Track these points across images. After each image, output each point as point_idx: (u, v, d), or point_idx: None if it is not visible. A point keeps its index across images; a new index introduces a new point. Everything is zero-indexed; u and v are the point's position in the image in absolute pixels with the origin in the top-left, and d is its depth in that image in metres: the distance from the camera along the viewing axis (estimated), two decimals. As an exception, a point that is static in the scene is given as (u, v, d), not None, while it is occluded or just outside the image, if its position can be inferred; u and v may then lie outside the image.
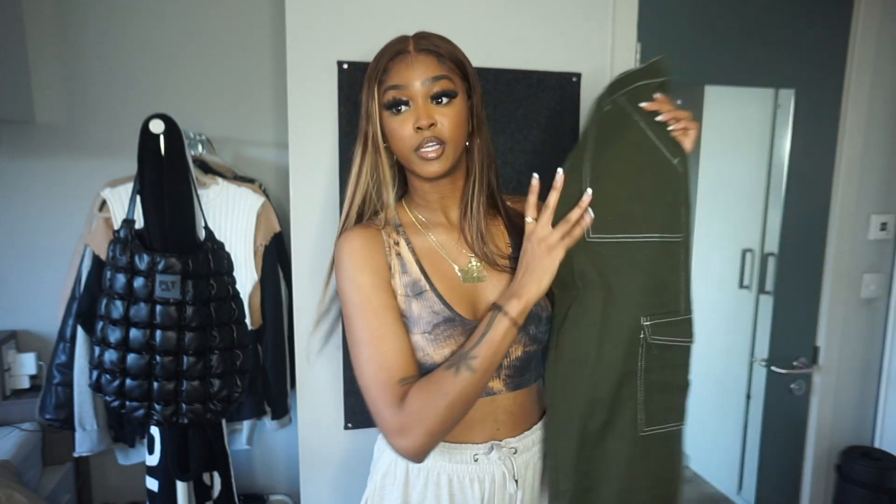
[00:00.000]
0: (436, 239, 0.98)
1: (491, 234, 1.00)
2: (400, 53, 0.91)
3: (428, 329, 0.91)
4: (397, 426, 0.84)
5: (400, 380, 0.86)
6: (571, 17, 1.44)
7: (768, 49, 1.65)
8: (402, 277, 0.94)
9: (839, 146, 1.75)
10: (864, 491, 1.83)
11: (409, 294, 0.93)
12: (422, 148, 0.90)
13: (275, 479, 2.14)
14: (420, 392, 0.85)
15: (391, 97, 0.90)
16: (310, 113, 1.31)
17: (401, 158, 0.94)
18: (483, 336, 0.86)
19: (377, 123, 0.93)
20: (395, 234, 0.97)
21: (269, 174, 2.00)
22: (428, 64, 0.90)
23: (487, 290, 0.97)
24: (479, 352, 0.85)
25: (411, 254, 0.96)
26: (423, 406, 0.83)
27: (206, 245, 1.36)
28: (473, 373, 0.84)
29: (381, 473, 1.00)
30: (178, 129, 1.31)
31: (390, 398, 0.85)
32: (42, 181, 1.89)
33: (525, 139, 1.43)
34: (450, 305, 0.92)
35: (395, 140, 0.92)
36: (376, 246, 0.94)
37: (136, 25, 1.88)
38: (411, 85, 0.89)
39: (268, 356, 1.73)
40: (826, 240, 1.80)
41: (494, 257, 0.98)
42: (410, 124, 0.89)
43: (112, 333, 1.27)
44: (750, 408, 2.15)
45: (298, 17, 1.29)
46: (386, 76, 0.91)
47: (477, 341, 0.86)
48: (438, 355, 0.91)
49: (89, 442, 1.61)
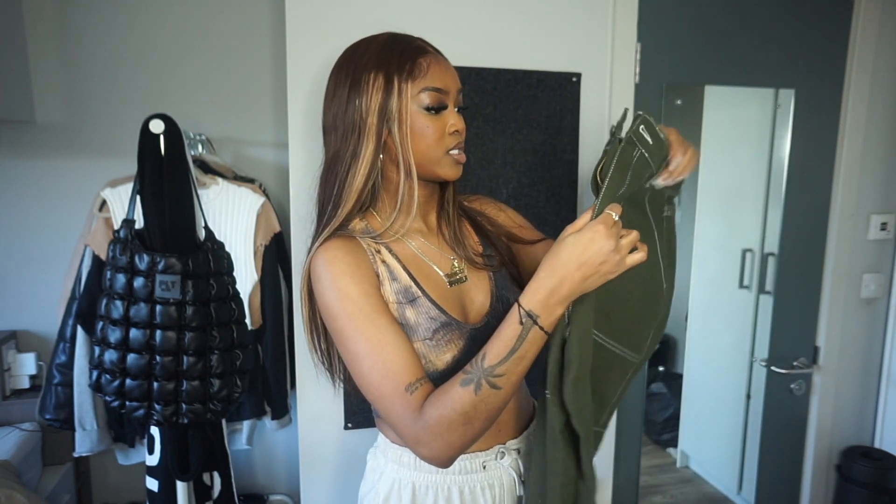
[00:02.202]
0: (415, 244, 0.95)
1: (463, 234, 1.01)
2: (426, 52, 0.88)
3: (428, 335, 0.87)
4: (414, 438, 0.79)
5: (407, 385, 0.80)
6: (571, 17, 1.44)
7: (768, 49, 1.65)
8: (392, 284, 0.88)
9: (839, 146, 1.75)
10: (864, 491, 1.83)
11: (401, 301, 0.88)
12: (456, 150, 0.90)
13: (275, 479, 2.14)
14: (436, 409, 0.77)
15: (436, 99, 0.87)
16: (310, 113, 1.31)
17: (423, 159, 0.88)
18: (513, 352, 0.77)
19: (405, 121, 0.86)
20: (373, 242, 0.91)
21: (269, 174, 2.00)
22: (453, 71, 0.91)
23: (472, 290, 0.97)
24: (507, 369, 0.76)
25: (397, 261, 0.91)
26: (440, 422, 0.77)
27: (206, 245, 1.35)
28: (499, 390, 0.77)
29: (382, 496, 0.95)
30: (178, 129, 1.31)
31: (404, 409, 0.79)
32: (42, 181, 1.89)
33: (525, 139, 1.43)
34: (444, 310, 0.90)
35: (425, 139, 0.87)
36: (360, 254, 0.88)
37: (136, 25, 1.88)
38: (451, 90, 0.88)
39: (268, 356, 1.73)
40: (826, 240, 1.80)
41: (473, 256, 0.98)
42: (445, 126, 0.88)
43: (112, 333, 1.27)
44: (750, 408, 2.15)
45: (298, 18, 1.29)
46: (420, 74, 0.86)
47: (506, 356, 0.77)
48: (440, 361, 0.87)
49: (89, 442, 1.61)
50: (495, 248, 1.03)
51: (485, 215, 1.07)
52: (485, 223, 1.05)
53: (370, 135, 0.86)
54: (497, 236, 1.05)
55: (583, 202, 1.50)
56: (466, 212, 1.05)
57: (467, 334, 0.90)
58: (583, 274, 0.76)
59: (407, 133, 0.86)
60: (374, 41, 0.90)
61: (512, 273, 1.03)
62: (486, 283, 0.98)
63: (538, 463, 0.90)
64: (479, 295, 0.96)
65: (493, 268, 0.99)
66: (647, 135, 0.84)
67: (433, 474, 0.93)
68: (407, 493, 0.93)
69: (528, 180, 1.44)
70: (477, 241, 1.03)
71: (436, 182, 0.96)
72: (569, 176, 1.48)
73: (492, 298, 0.96)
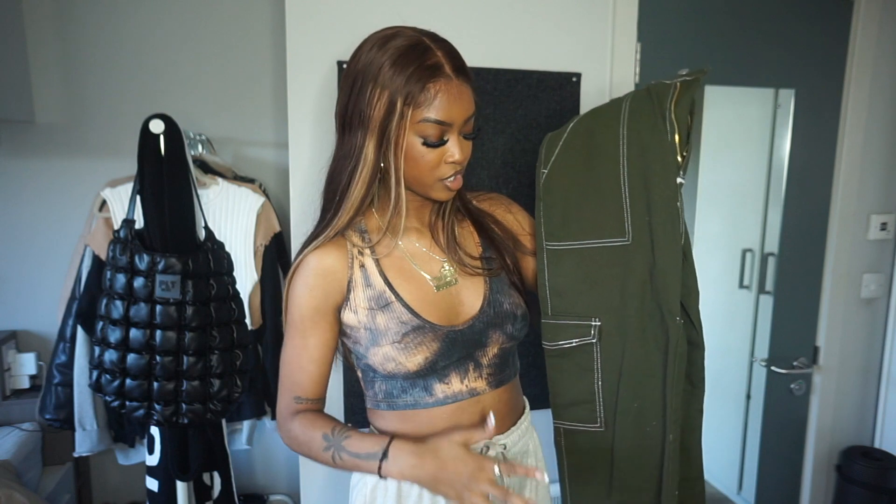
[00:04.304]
0: (406, 247, 0.95)
1: (462, 236, 1.01)
2: (440, 75, 0.83)
3: (397, 339, 0.89)
4: (279, 425, 0.96)
5: (296, 397, 0.93)
6: (571, 17, 1.44)
7: (768, 49, 1.65)
8: (365, 291, 0.91)
9: (839, 146, 1.74)
10: (864, 491, 1.83)
11: (372, 307, 0.91)
12: (449, 178, 0.89)
13: (275, 479, 2.14)
14: (299, 429, 0.92)
15: (436, 132, 0.84)
16: (310, 113, 1.31)
17: (414, 182, 0.89)
18: (356, 456, 0.88)
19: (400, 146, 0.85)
20: (361, 241, 0.93)
21: (269, 174, 2.00)
22: (467, 99, 0.86)
23: (462, 293, 0.96)
24: (348, 461, 0.88)
25: (375, 265, 0.92)
26: (294, 439, 0.93)
27: (206, 245, 1.36)
28: (335, 463, 0.90)
29: (370, 487, 0.97)
30: (178, 129, 1.31)
31: (284, 405, 0.95)
32: (42, 181, 1.89)
33: (525, 139, 1.43)
34: (418, 314, 0.90)
35: (419, 166, 0.86)
36: (337, 263, 0.91)
37: (136, 25, 1.88)
38: (456, 122, 0.85)
39: (268, 356, 1.73)
40: (826, 240, 1.80)
41: (466, 260, 0.98)
42: (443, 156, 0.87)
43: (112, 333, 1.27)
44: (750, 408, 2.15)
45: (298, 17, 1.29)
46: (425, 102, 0.82)
47: (352, 453, 0.88)
48: (411, 363, 0.89)
49: (89, 442, 1.61)
50: (497, 251, 1.02)
51: (492, 216, 1.06)
52: (490, 225, 1.04)
53: (370, 145, 0.85)
54: (502, 239, 1.04)
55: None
56: (472, 212, 1.04)
57: (443, 336, 0.91)
58: (434, 476, 0.84)
59: (401, 157, 0.85)
60: (389, 46, 0.84)
61: (511, 279, 1.02)
62: (480, 287, 0.97)
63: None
64: (472, 297, 0.96)
65: (489, 272, 0.99)
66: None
67: None
68: (392, 485, 0.94)
69: (528, 180, 1.44)
70: (478, 242, 1.03)
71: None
72: (569, 176, 1.47)
73: (483, 302, 0.96)
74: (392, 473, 0.86)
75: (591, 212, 1.01)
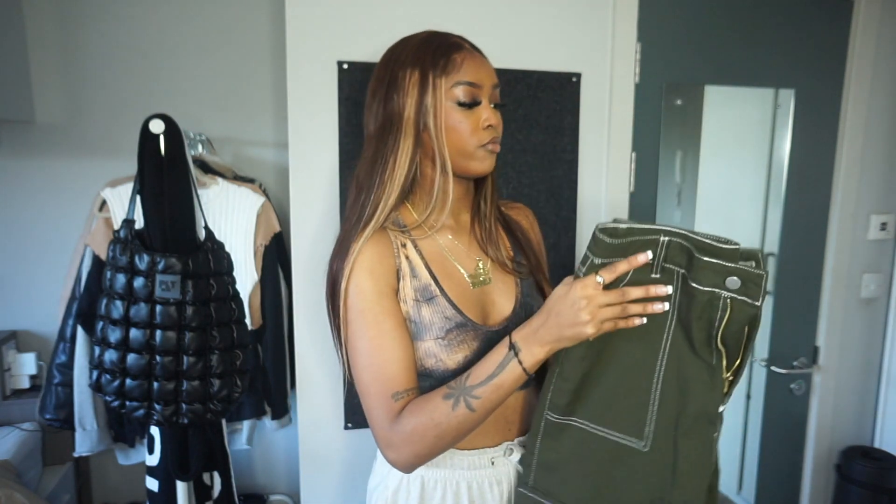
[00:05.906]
0: (443, 242, 0.96)
1: (497, 235, 1.02)
2: (461, 48, 0.91)
3: (441, 335, 0.89)
4: (386, 440, 0.84)
5: (394, 393, 0.84)
6: (571, 17, 1.44)
7: (768, 49, 1.65)
8: (412, 281, 0.91)
9: (839, 146, 1.74)
10: (864, 491, 1.83)
11: (419, 299, 0.90)
12: (490, 143, 0.91)
13: (275, 479, 2.14)
14: (413, 416, 0.82)
15: (470, 94, 0.89)
16: (310, 113, 1.31)
17: (456, 153, 0.90)
18: (491, 378, 0.81)
19: (439, 115, 0.88)
20: (402, 235, 0.93)
21: (269, 174, 2.00)
22: (490, 68, 0.93)
23: (494, 293, 0.97)
24: (484, 392, 0.81)
25: (420, 257, 0.93)
26: (414, 431, 0.82)
27: (206, 245, 1.35)
28: (472, 412, 0.81)
29: (391, 490, 0.95)
30: (178, 129, 1.30)
31: (384, 412, 0.84)
32: (42, 181, 1.89)
33: (525, 139, 1.43)
34: (461, 310, 0.91)
35: (459, 134, 0.89)
36: (386, 249, 0.90)
37: (136, 25, 1.88)
38: (485, 85, 0.90)
39: (268, 356, 1.73)
40: (826, 240, 1.80)
41: (504, 259, 0.99)
42: (479, 121, 0.90)
43: (112, 333, 1.27)
44: (750, 408, 2.14)
45: (298, 17, 1.29)
46: (454, 69, 0.88)
47: (484, 380, 0.81)
48: (451, 361, 0.89)
49: (89, 442, 1.61)
50: (526, 257, 1.03)
51: (520, 226, 1.08)
52: (518, 233, 1.06)
53: (408, 129, 0.89)
54: (530, 246, 1.06)
55: (582, 202, 1.50)
56: (503, 216, 1.06)
57: (483, 336, 0.91)
58: (557, 323, 0.80)
59: (441, 127, 0.89)
60: (412, 39, 0.93)
61: (539, 283, 1.03)
62: (511, 288, 0.98)
63: None
64: (503, 298, 0.97)
65: (521, 274, 1.00)
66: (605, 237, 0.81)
67: (442, 469, 0.94)
68: (416, 488, 0.94)
69: (528, 180, 1.44)
70: (509, 246, 1.04)
71: (470, 179, 0.97)
72: (569, 176, 1.48)
73: (515, 304, 0.97)
74: (537, 356, 0.81)
75: (609, 395, 0.86)
